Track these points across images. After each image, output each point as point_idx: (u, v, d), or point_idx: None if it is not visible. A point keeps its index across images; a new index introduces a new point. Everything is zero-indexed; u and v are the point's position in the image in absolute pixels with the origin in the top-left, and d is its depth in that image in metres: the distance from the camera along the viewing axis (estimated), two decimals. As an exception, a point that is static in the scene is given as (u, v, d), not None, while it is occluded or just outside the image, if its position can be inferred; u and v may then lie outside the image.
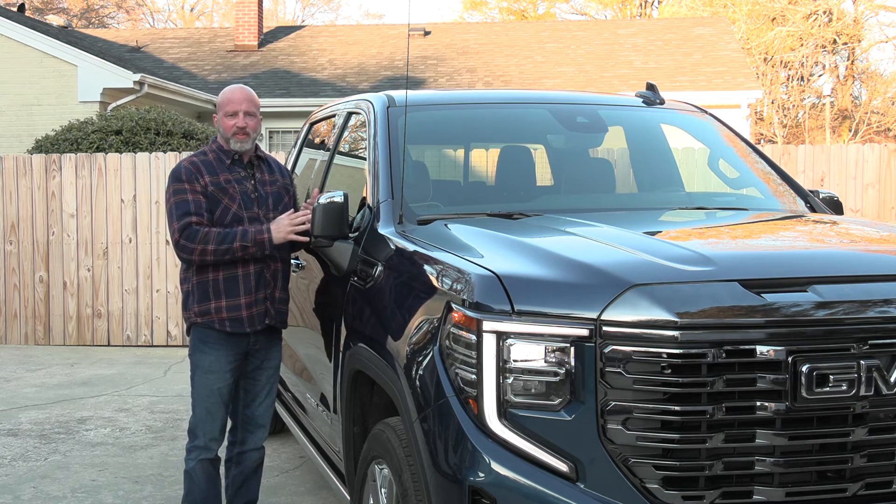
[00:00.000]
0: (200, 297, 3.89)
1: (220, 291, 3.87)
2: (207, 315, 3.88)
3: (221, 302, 3.87)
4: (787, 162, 9.47)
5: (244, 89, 4.01)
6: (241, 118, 3.92)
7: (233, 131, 3.92)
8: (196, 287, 3.90)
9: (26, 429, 6.27)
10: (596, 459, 2.41)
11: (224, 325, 3.87)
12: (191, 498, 4.00)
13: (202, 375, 3.92)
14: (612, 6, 35.71)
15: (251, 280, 3.89)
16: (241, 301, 3.87)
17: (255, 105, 3.99)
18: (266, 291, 3.93)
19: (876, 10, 31.66)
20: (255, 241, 3.79)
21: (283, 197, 4.08)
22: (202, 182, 3.88)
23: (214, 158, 3.97)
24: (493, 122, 4.43)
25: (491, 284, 2.56)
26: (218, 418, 3.95)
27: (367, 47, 19.59)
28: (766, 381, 2.37)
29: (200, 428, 3.95)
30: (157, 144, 11.07)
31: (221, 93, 4.04)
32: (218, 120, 3.98)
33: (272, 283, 3.95)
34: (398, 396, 2.87)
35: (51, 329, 9.77)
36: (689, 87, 16.20)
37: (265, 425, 4.13)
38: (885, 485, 2.48)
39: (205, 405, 3.93)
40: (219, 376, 3.91)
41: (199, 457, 3.95)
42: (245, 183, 3.96)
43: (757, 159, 4.45)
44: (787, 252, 2.99)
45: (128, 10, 39.95)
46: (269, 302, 3.94)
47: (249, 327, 3.90)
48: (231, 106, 3.94)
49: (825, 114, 30.44)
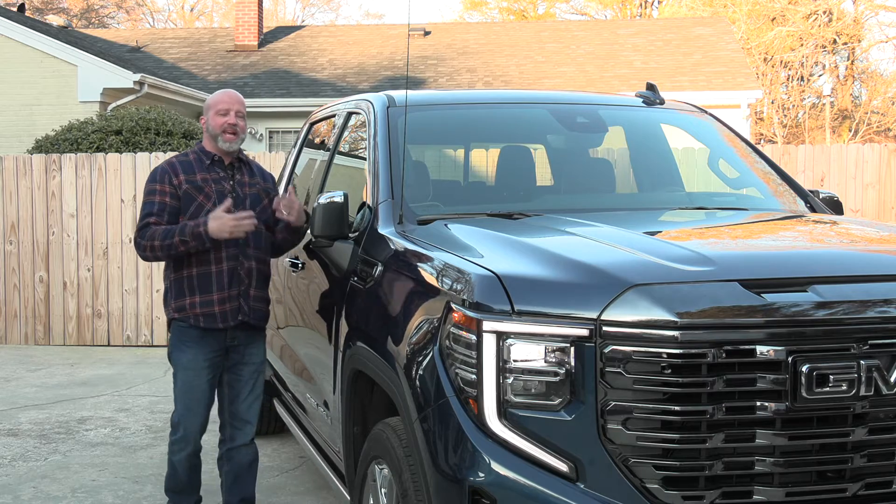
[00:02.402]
0: (177, 294, 4.02)
1: (195, 288, 3.98)
2: (183, 311, 4.00)
3: (195, 298, 3.98)
4: (787, 162, 9.47)
5: (234, 92, 4.15)
6: (233, 116, 4.02)
7: (223, 128, 4.01)
8: (173, 283, 4.04)
9: (26, 429, 6.27)
10: (596, 459, 2.41)
11: (198, 321, 3.98)
12: (173, 481, 4.19)
13: (181, 372, 4.05)
14: (612, 6, 35.72)
15: (224, 277, 3.99)
16: (214, 297, 3.98)
17: (244, 108, 4.12)
18: (240, 288, 4.03)
19: (876, 10, 31.68)
20: (192, 235, 3.84)
21: (262, 199, 4.16)
22: (175, 181, 3.98)
23: (195, 159, 4.08)
24: (493, 122, 4.42)
25: (491, 284, 2.56)
26: (198, 413, 4.06)
27: (367, 47, 19.58)
28: (766, 381, 2.37)
29: (182, 423, 4.08)
30: (157, 144, 11.07)
31: (211, 96, 4.14)
32: (207, 120, 4.08)
33: (246, 281, 4.05)
34: (398, 396, 2.87)
35: (51, 329, 9.77)
36: (689, 87, 16.20)
37: (252, 422, 4.21)
38: (885, 485, 2.48)
39: (185, 401, 4.06)
40: (197, 373, 4.03)
41: (182, 450, 4.10)
42: (223, 183, 4.06)
43: (757, 159, 4.45)
44: (787, 252, 2.99)
45: (128, 10, 39.97)
46: (243, 299, 4.03)
47: (222, 323, 4.00)
48: (223, 105, 4.04)
49: (825, 114, 30.45)
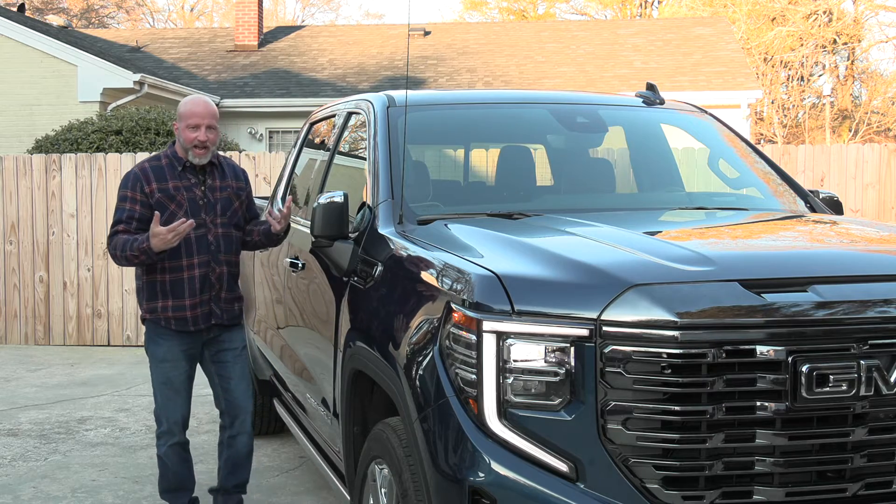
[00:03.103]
0: (149, 296, 4.11)
1: (167, 292, 4.07)
2: (154, 313, 4.10)
3: (168, 302, 4.08)
4: (787, 162, 9.47)
5: (207, 103, 4.13)
6: (203, 132, 4.05)
7: (193, 144, 4.05)
8: (146, 285, 4.12)
9: (26, 429, 6.27)
10: (596, 459, 2.41)
11: (170, 324, 4.08)
12: (165, 479, 4.25)
13: (157, 365, 4.14)
14: (612, 6, 35.71)
15: (196, 283, 4.07)
16: (186, 302, 4.07)
17: (216, 119, 4.13)
18: (211, 293, 4.12)
19: (876, 10, 31.67)
20: (140, 251, 3.90)
21: (233, 202, 4.23)
22: (147, 189, 4.03)
23: (167, 164, 4.11)
24: (493, 122, 4.42)
25: (491, 284, 2.56)
26: (177, 404, 4.15)
27: (367, 47, 19.58)
28: (766, 381, 2.37)
29: (163, 415, 4.17)
30: (157, 144, 11.07)
31: (183, 102, 4.16)
32: (179, 130, 4.11)
33: (217, 286, 4.14)
34: (398, 396, 2.87)
35: (51, 329, 9.77)
36: (689, 87, 16.19)
37: (247, 408, 4.29)
38: (885, 485, 2.48)
39: (162, 392, 4.15)
40: (173, 364, 4.12)
41: (167, 442, 4.18)
42: (194, 190, 4.11)
43: (757, 159, 4.45)
44: (787, 252, 2.99)
45: (128, 10, 39.97)
46: (214, 303, 4.14)
47: (193, 326, 4.10)
48: (194, 119, 4.06)
49: (825, 114, 30.45)
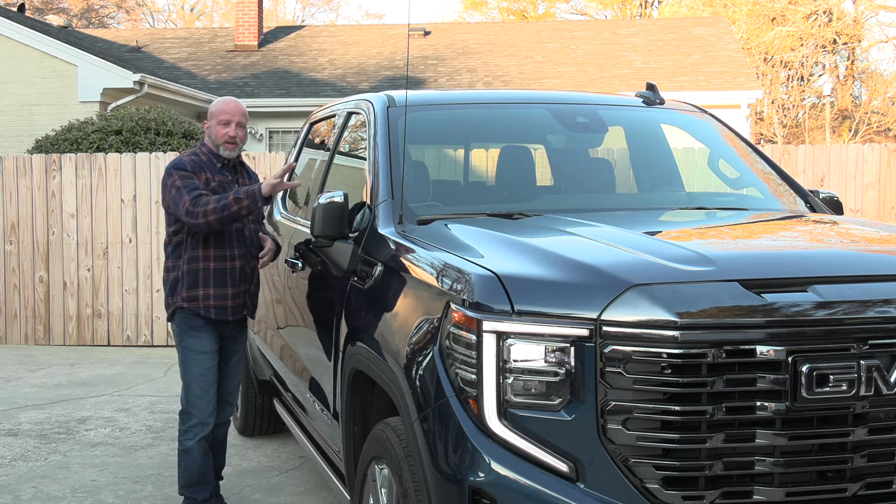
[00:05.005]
0: (190, 284, 4.23)
1: (210, 281, 4.23)
2: (195, 301, 4.23)
3: (209, 290, 4.23)
4: (787, 162, 9.47)
5: (238, 102, 4.38)
6: (234, 129, 4.28)
7: (224, 139, 4.27)
8: (186, 274, 4.24)
9: (26, 429, 6.27)
10: (596, 459, 2.41)
11: (209, 312, 4.23)
12: (189, 474, 4.34)
13: (194, 357, 4.27)
14: (612, 6, 35.71)
15: (237, 274, 4.28)
16: (229, 291, 4.26)
17: (245, 117, 4.36)
18: (246, 285, 4.35)
19: (876, 10, 31.67)
20: (246, 194, 4.04)
21: None
22: (204, 176, 4.24)
23: (207, 161, 4.31)
24: (493, 122, 4.42)
25: (491, 284, 2.56)
26: (211, 394, 4.31)
27: (367, 47, 19.58)
28: (766, 381, 2.37)
29: (196, 406, 4.28)
30: (157, 144, 11.07)
31: (214, 102, 4.40)
32: (210, 127, 4.32)
33: (251, 278, 4.38)
34: (398, 396, 2.87)
35: (51, 329, 9.77)
36: (689, 88, 16.19)
37: (233, 403, 4.62)
38: (885, 485, 2.48)
39: (199, 384, 4.27)
40: (209, 356, 4.29)
41: (198, 435, 4.29)
42: (231, 186, 4.30)
43: (757, 159, 4.45)
44: (787, 252, 2.99)
45: (128, 10, 39.97)
46: (248, 295, 4.37)
47: (231, 316, 4.30)
48: (225, 116, 4.29)
49: (825, 114, 30.45)
